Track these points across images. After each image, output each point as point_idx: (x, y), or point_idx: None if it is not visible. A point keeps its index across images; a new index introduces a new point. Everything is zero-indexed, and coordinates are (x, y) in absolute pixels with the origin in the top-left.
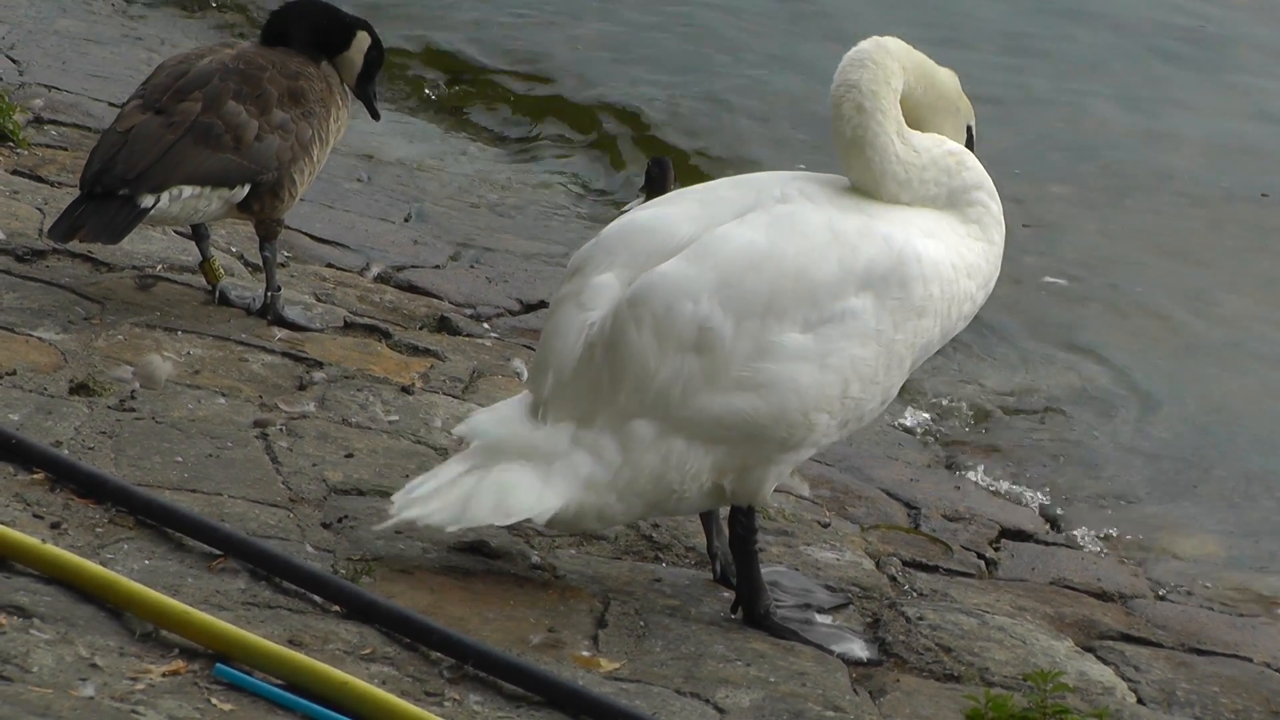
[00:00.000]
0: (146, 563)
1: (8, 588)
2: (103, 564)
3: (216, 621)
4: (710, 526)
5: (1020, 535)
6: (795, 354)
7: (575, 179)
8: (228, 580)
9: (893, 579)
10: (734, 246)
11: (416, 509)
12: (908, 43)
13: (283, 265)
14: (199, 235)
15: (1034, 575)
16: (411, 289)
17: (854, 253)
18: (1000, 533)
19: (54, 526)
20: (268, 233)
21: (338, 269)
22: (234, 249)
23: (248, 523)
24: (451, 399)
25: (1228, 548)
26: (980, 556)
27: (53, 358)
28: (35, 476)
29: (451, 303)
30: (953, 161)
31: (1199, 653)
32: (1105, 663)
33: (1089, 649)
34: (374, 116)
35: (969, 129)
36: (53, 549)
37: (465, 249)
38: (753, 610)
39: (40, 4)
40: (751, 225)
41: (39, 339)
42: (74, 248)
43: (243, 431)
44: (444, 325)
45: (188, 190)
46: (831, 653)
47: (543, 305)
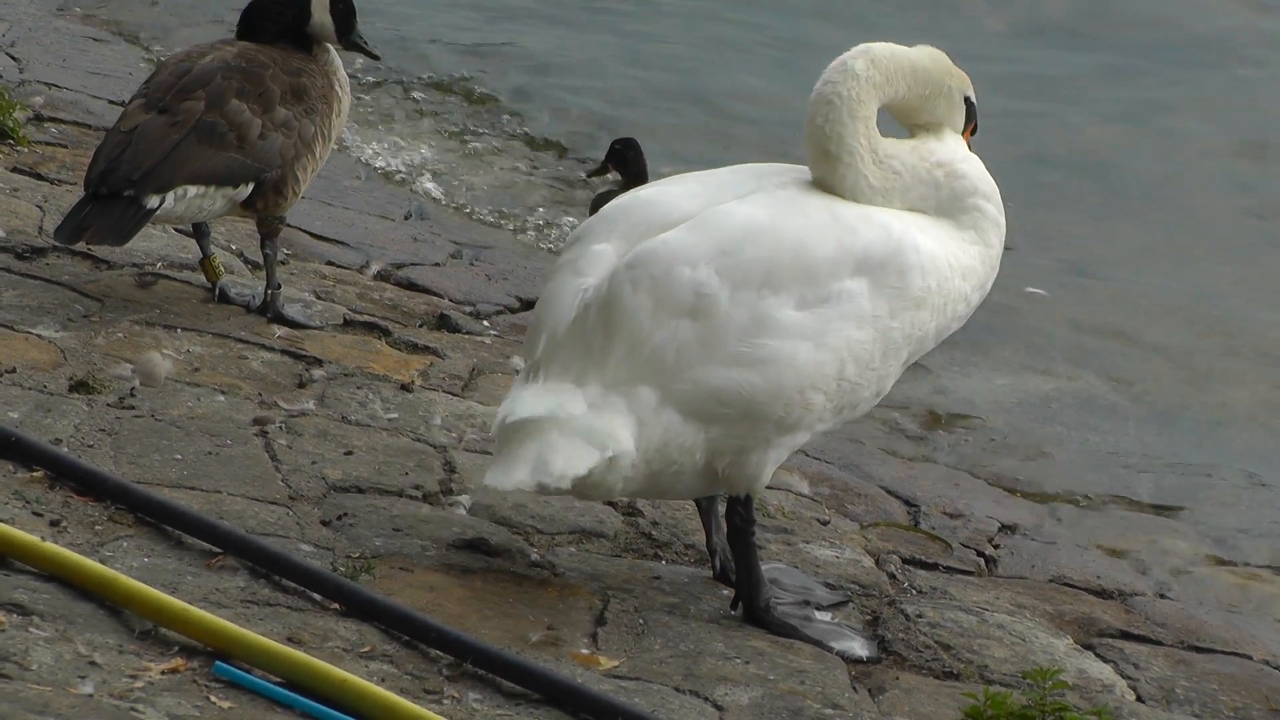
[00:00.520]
0: (146, 560)
1: (7, 585)
2: (102, 562)
3: (216, 619)
4: (709, 523)
5: (1020, 533)
6: (793, 331)
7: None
8: (227, 578)
9: (892, 576)
10: (735, 220)
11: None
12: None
13: (282, 263)
14: (200, 233)
15: (1033, 573)
16: (411, 286)
17: (852, 235)
18: (1000, 530)
19: (53, 524)
20: (269, 230)
21: (337, 266)
22: (234, 246)
23: (247, 520)
24: (451, 396)
25: (1227, 547)
26: (980, 554)
27: (52, 355)
28: (34, 474)
29: (451, 300)
30: (940, 174)
31: (1198, 650)
32: (1105, 660)
33: (1088, 646)
34: (373, 58)
35: (967, 100)
36: (52, 546)
37: (465, 247)
38: (752, 603)
39: (40, 3)
40: (753, 203)
41: (38, 336)
42: (73, 245)
43: (242, 429)
44: (443, 323)
45: (193, 190)
46: (831, 650)
47: None
